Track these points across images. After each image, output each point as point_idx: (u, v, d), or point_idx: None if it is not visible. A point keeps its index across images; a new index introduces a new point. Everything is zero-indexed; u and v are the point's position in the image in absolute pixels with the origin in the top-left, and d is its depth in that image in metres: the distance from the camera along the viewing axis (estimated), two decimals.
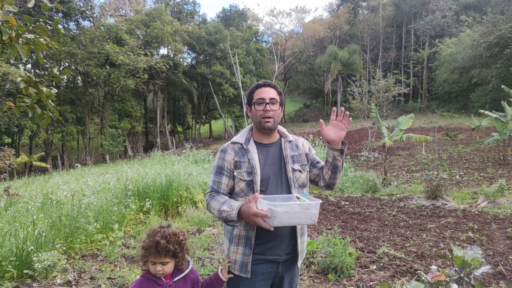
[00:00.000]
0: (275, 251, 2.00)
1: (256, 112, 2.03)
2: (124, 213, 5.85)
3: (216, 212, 1.93)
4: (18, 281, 3.90)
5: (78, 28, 29.59)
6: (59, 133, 27.50)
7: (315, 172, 2.18)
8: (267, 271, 2.01)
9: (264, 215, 1.74)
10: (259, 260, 1.99)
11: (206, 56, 36.53)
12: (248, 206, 1.79)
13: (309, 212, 1.80)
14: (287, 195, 2.00)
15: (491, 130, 17.56)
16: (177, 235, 1.95)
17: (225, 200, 1.96)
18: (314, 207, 1.81)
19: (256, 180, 1.96)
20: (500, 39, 26.67)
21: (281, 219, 1.76)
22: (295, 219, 1.79)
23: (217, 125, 49.69)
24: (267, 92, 2.03)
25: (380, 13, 43.88)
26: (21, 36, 2.24)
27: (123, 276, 4.07)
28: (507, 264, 4.16)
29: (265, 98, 2.01)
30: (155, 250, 1.87)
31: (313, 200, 1.87)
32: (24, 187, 11.08)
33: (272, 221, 1.76)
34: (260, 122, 2.01)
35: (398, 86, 19.55)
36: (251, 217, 1.78)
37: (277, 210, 1.74)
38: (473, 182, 9.61)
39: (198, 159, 14.05)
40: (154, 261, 1.90)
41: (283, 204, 1.79)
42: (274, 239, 1.98)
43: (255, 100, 2.03)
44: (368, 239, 5.24)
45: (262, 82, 2.08)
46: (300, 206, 1.79)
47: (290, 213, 1.77)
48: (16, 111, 2.67)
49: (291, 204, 1.80)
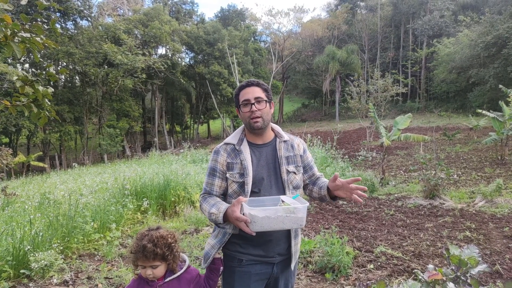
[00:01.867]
0: (269, 252, 1.98)
1: (244, 114, 2.00)
2: (122, 212, 5.84)
3: (207, 214, 1.92)
4: (15, 281, 3.89)
5: (76, 27, 29.51)
6: (57, 133, 27.46)
7: (304, 178, 2.17)
8: (261, 272, 1.99)
9: (244, 220, 1.71)
10: (253, 261, 1.97)
11: (204, 56, 36.53)
12: (232, 210, 1.77)
13: (294, 217, 1.71)
14: (277, 197, 1.92)
15: (489, 130, 17.60)
16: (165, 238, 1.91)
17: (215, 202, 1.94)
18: (300, 211, 1.72)
19: (247, 181, 1.93)
20: (497, 39, 26.74)
21: (262, 224, 1.69)
22: (277, 224, 1.72)
23: (215, 125, 49.69)
24: (252, 92, 1.99)
25: (378, 13, 43.94)
26: (17, 35, 2.23)
27: (120, 276, 4.06)
28: (504, 263, 4.17)
29: (250, 99, 1.97)
30: (142, 255, 1.84)
31: (302, 202, 1.79)
32: (21, 186, 11.05)
33: (253, 226, 1.70)
34: (249, 124, 1.99)
35: (396, 85, 19.58)
36: (234, 221, 1.76)
37: (257, 215, 1.68)
38: (471, 182, 9.63)
39: (196, 158, 14.05)
40: (143, 265, 1.87)
41: (265, 209, 1.71)
42: (267, 241, 1.95)
43: (241, 102, 2.00)
44: (365, 239, 5.25)
45: (245, 83, 2.05)
46: (284, 210, 1.70)
47: (271, 218, 1.69)
48: (13, 110, 2.66)
49: (274, 209, 1.72)
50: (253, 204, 1.82)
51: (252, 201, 1.86)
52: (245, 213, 1.73)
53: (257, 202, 1.86)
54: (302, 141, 2.22)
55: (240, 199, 1.78)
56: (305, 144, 2.23)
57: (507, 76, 26.02)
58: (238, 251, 1.98)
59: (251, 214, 1.69)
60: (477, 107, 22.67)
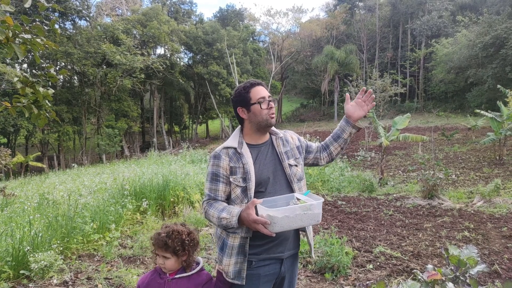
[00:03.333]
0: (279, 248, 1.98)
1: (261, 111, 2.00)
2: (121, 213, 5.84)
3: (216, 220, 1.90)
4: (15, 282, 3.88)
5: (75, 27, 29.48)
6: (55, 133, 27.42)
7: (312, 156, 2.24)
8: (270, 273, 1.99)
9: (264, 222, 1.70)
10: (262, 261, 1.96)
11: (203, 56, 36.49)
12: (247, 213, 1.76)
13: (311, 213, 1.73)
14: (289, 195, 1.94)
15: (487, 130, 17.64)
16: (180, 233, 1.96)
17: (224, 207, 1.92)
18: (316, 207, 1.73)
19: (250, 186, 1.93)
20: (495, 39, 26.83)
21: (282, 224, 1.69)
22: (296, 223, 1.72)
23: (214, 125, 49.66)
24: (264, 90, 2.04)
25: (376, 13, 44.00)
26: (18, 36, 2.24)
27: (120, 276, 4.07)
28: (502, 263, 4.19)
29: (266, 96, 2.02)
30: (156, 242, 1.94)
31: (315, 198, 1.80)
32: (20, 187, 11.04)
33: (272, 227, 1.69)
34: (267, 120, 2.00)
35: (394, 86, 19.59)
36: (251, 223, 1.75)
37: (276, 216, 1.67)
38: (469, 182, 9.66)
39: (195, 159, 14.02)
40: (157, 254, 1.96)
41: (282, 209, 1.71)
42: (278, 238, 1.94)
43: (258, 100, 2.00)
44: (364, 239, 5.26)
45: (251, 83, 2.06)
46: (301, 208, 1.71)
47: (290, 217, 1.69)
48: (13, 111, 2.66)
49: (292, 208, 1.72)
50: (266, 205, 1.81)
51: (265, 202, 1.85)
52: (262, 214, 1.72)
53: (269, 202, 1.85)
54: (293, 132, 2.27)
55: (254, 201, 1.77)
56: (296, 134, 2.28)
57: (505, 76, 26.10)
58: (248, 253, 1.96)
59: (270, 215, 1.68)
60: (475, 107, 22.73)
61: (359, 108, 2.14)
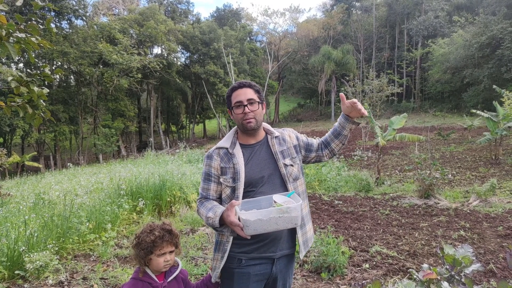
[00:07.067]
0: (270, 248, 1.97)
1: (237, 116, 2.01)
2: (117, 213, 5.82)
3: (204, 219, 1.93)
4: (10, 282, 3.86)
5: (71, 27, 29.33)
6: (52, 133, 27.28)
7: (314, 155, 2.19)
8: (260, 272, 1.98)
9: (237, 224, 1.70)
10: (252, 260, 1.96)
11: (200, 56, 36.44)
12: (226, 214, 1.78)
13: (288, 216, 1.67)
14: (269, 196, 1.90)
15: (483, 130, 17.74)
16: (167, 224, 2.00)
17: (212, 206, 1.94)
18: (294, 210, 1.68)
19: (238, 186, 1.93)
20: (491, 39, 26.97)
21: (255, 227, 1.66)
22: (271, 226, 1.67)
23: (211, 125, 49.63)
24: (244, 94, 1.99)
25: (373, 13, 44.07)
26: (12, 35, 2.22)
27: (115, 277, 4.05)
28: (497, 262, 4.20)
29: (243, 101, 1.98)
30: (169, 237, 1.92)
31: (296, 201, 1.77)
32: (16, 187, 10.97)
33: (246, 230, 1.67)
34: (243, 125, 2.00)
35: (391, 86, 19.61)
36: (229, 225, 1.77)
37: (248, 219, 1.64)
38: (465, 181, 9.70)
39: (192, 158, 14.01)
40: (163, 252, 1.91)
41: (257, 212, 1.68)
42: (267, 238, 1.93)
43: (233, 104, 2.01)
44: (361, 238, 5.27)
45: (237, 84, 2.05)
46: (277, 211, 1.67)
47: (264, 220, 1.65)
48: (7, 111, 2.64)
49: (266, 211, 1.68)
50: (249, 205, 1.80)
51: (248, 202, 1.84)
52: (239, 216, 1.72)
53: (252, 203, 1.84)
54: (292, 129, 2.24)
55: (233, 202, 1.78)
56: (295, 131, 2.25)
57: (501, 77, 26.24)
58: (237, 251, 1.97)
59: (242, 219, 1.66)
60: (472, 107, 22.85)
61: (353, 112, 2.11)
